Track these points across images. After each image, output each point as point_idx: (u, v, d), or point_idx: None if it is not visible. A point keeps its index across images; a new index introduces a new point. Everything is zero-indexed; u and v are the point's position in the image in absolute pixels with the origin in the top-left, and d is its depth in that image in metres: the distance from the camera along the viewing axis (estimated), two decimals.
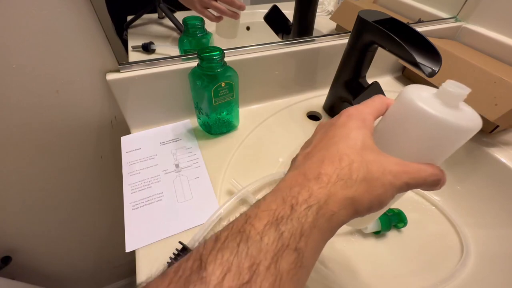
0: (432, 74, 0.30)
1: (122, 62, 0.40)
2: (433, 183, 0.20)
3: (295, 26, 0.51)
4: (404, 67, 0.63)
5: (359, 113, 0.22)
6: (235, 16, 0.45)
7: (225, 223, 0.34)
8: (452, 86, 0.19)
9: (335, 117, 0.23)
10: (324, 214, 0.17)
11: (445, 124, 0.18)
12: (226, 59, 0.40)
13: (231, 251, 0.15)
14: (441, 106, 0.19)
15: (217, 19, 0.45)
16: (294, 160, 0.23)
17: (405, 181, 0.19)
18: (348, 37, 0.41)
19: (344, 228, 0.40)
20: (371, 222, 0.28)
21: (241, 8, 0.45)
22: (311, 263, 0.17)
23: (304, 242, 0.16)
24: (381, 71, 0.62)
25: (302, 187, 0.18)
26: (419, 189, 0.26)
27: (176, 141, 0.44)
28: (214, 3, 0.43)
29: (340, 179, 0.18)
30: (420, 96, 0.20)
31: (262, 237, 0.15)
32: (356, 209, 0.18)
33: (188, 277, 0.14)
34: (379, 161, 0.19)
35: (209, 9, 0.44)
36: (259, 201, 0.18)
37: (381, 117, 0.24)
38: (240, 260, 0.14)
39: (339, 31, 0.59)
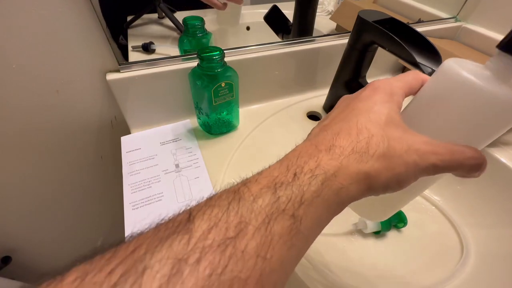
0: (432, 74, 0.30)
1: (122, 62, 0.40)
2: (472, 168, 0.18)
3: (295, 26, 0.51)
4: (404, 67, 0.63)
5: (387, 86, 0.20)
6: (239, 1, 0.45)
7: None
8: (504, 59, 0.16)
9: (359, 90, 0.21)
10: (330, 186, 0.15)
11: (499, 99, 0.16)
12: (226, 59, 0.40)
13: (221, 208, 0.14)
14: (493, 80, 0.16)
15: (224, 6, 0.45)
16: (310, 133, 0.21)
17: (432, 162, 0.17)
18: (348, 37, 0.41)
19: (345, 227, 0.40)
20: (388, 216, 0.25)
21: None
22: (311, 234, 0.16)
23: (303, 210, 0.15)
24: (381, 71, 0.62)
25: (310, 157, 0.16)
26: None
27: (176, 141, 0.44)
28: None
29: (355, 152, 0.16)
30: (468, 68, 0.17)
31: (256, 198, 0.15)
32: (370, 186, 0.16)
33: (176, 227, 0.14)
34: (405, 138, 0.17)
35: None
36: (263, 169, 0.17)
37: (412, 96, 0.21)
38: (229, 217, 0.14)
39: (339, 31, 0.59)
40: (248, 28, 0.55)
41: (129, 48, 0.44)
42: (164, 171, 0.40)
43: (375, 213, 0.25)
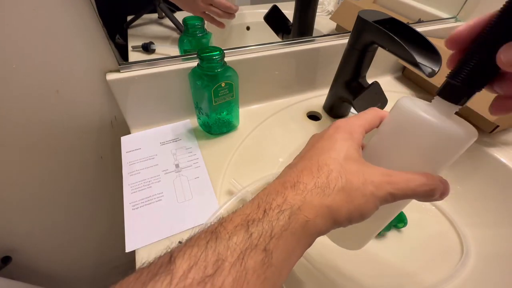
0: (432, 74, 0.30)
1: (122, 62, 0.40)
2: (426, 194, 0.19)
3: (295, 26, 0.51)
4: (404, 67, 0.63)
5: (347, 125, 0.22)
6: (231, 16, 0.46)
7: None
8: (443, 102, 0.19)
9: (325, 129, 0.24)
10: (297, 219, 0.17)
11: (447, 132, 0.18)
12: (226, 59, 0.40)
13: (200, 247, 0.15)
14: (439, 115, 0.19)
15: (219, 24, 0.46)
16: (280, 173, 0.23)
17: (389, 192, 0.18)
18: (348, 37, 0.41)
19: None
20: (365, 243, 0.27)
21: (236, 11, 0.46)
22: (284, 265, 0.17)
23: (273, 244, 0.16)
24: (381, 71, 0.62)
25: (278, 194, 0.18)
26: None
27: (176, 141, 0.44)
28: (211, 7, 0.44)
29: (317, 187, 0.18)
30: (418, 105, 0.20)
31: (231, 236, 0.16)
32: (334, 218, 0.18)
33: (157, 269, 0.15)
34: (361, 171, 0.19)
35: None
36: (238, 208, 0.19)
37: (375, 129, 0.24)
38: (207, 255, 0.15)
39: (339, 31, 0.59)
40: (248, 28, 0.55)
41: (129, 48, 0.44)
42: (164, 171, 0.40)
43: (351, 242, 0.27)
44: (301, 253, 0.18)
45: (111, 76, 0.40)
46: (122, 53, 0.41)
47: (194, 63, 0.41)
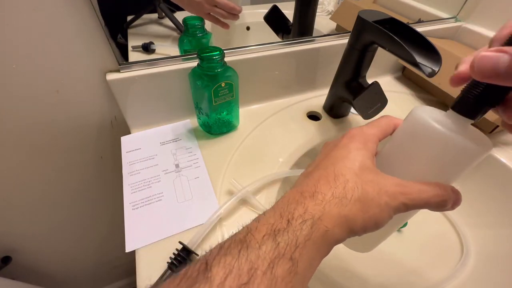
0: (432, 74, 0.30)
1: (122, 62, 0.40)
2: (438, 205, 0.20)
3: (295, 26, 0.51)
4: (404, 67, 0.63)
5: (361, 134, 0.23)
6: (235, 17, 0.46)
7: (225, 222, 0.34)
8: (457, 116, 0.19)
9: (339, 138, 0.24)
10: (318, 229, 0.18)
11: (455, 143, 0.18)
12: (226, 59, 0.40)
13: (233, 256, 0.16)
14: (453, 127, 0.19)
15: (224, 25, 0.46)
16: (297, 181, 0.24)
17: (402, 202, 0.19)
18: (348, 37, 0.41)
19: None
20: (374, 247, 0.28)
21: (239, 11, 0.47)
22: (306, 274, 0.18)
23: (298, 253, 0.17)
24: (381, 71, 0.62)
25: (298, 203, 0.19)
26: None
27: (176, 141, 0.44)
28: (216, 9, 0.44)
29: (335, 197, 0.19)
30: (433, 116, 0.20)
31: (261, 245, 0.17)
32: (350, 228, 0.18)
33: (195, 277, 0.16)
34: (376, 181, 0.20)
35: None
36: (260, 216, 0.20)
37: (389, 136, 0.24)
38: (241, 264, 0.16)
39: (339, 31, 0.59)
40: (248, 28, 0.55)
41: (129, 48, 0.44)
42: (164, 171, 0.40)
43: (361, 245, 0.28)
44: (320, 261, 0.18)
45: (111, 76, 0.40)
46: (122, 53, 0.41)
47: (194, 63, 0.41)
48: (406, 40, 0.32)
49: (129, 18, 0.46)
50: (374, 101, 0.41)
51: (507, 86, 0.16)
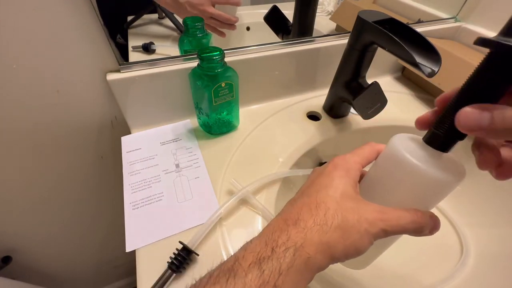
0: (431, 74, 0.30)
1: (122, 62, 0.40)
2: (415, 231, 0.20)
3: (295, 26, 0.51)
4: (404, 67, 0.63)
5: (344, 163, 0.24)
6: (231, 27, 0.47)
7: (225, 222, 0.34)
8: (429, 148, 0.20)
9: (324, 165, 0.25)
10: (300, 256, 0.18)
11: (428, 176, 0.19)
12: (226, 59, 0.40)
13: (221, 285, 0.18)
14: (427, 158, 0.20)
15: (221, 34, 0.47)
16: (282, 209, 0.25)
17: (381, 228, 0.20)
18: (348, 37, 0.41)
19: None
20: (367, 264, 0.28)
21: (235, 22, 0.47)
22: None
23: (281, 280, 0.18)
24: (381, 71, 0.62)
25: (282, 231, 0.20)
26: None
27: (176, 141, 0.44)
28: (211, 20, 0.45)
29: (316, 224, 0.19)
30: (407, 147, 0.21)
31: (247, 273, 0.18)
32: (332, 255, 0.19)
33: None
34: (357, 209, 0.20)
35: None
36: (247, 244, 0.21)
37: (374, 161, 0.25)
38: None
39: (339, 31, 0.59)
40: (248, 28, 0.55)
41: (129, 48, 0.44)
42: (164, 171, 0.40)
43: (356, 263, 0.28)
44: (304, 285, 0.19)
45: (111, 76, 0.40)
46: (122, 53, 0.41)
47: (194, 63, 0.41)
48: (406, 40, 0.32)
49: (129, 18, 0.46)
50: (374, 101, 0.42)
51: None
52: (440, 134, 0.19)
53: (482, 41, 0.16)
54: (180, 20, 0.45)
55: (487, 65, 0.16)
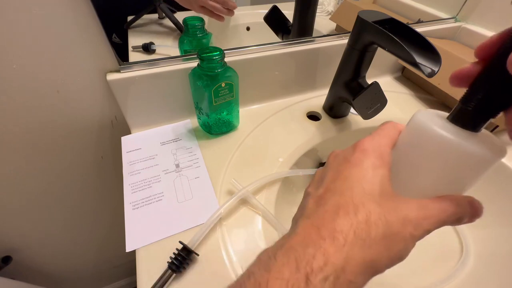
0: (431, 74, 0.30)
1: (122, 62, 0.40)
2: (456, 221, 0.18)
3: (295, 27, 0.52)
4: (404, 67, 0.63)
5: (376, 147, 0.20)
6: (230, 13, 0.46)
7: (225, 222, 0.34)
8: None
9: (348, 150, 0.21)
10: (341, 285, 0.15)
11: (468, 151, 0.17)
12: (226, 59, 0.40)
13: None
14: (460, 132, 0.17)
15: (219, 17, 0.46)
16: (305, 198, 0.21)
17: (425, 229, 0.17)
18: (348, 38, 0.41)
19: None
20: None
21: (233, 7, 0.47)
22: None
23: None
24: (381, 71, 0.62)
25: (316, 248, 0.16)
26: None
27: (176, 141, 0.44)
28: (209, 2, 0.44)
29: (357, 237, 0.16)
30: (436, 121, 0.18)
31: None
32: (375, 272, 0.17)
33: None
34: (398, 208, 0.17)
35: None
36: (269, 260, 0.17)
37: None
38: None
39: (339, 31, 0.59)
40: (248, 29, 0.55)
41: (129, 49, 0.44)
42: (164, 171, 0.40)
43: None
44: None
45: (111, 76, 0.40)
46: (120, 53, 0.41)
47: (194, 63, 0.41)
48: (406, 41, 0.32)
49: (129, 18, 0.46)
50: (374, 101, 0.42)
51: None
52: (470, 110, 0.17)
53: None
54: (180, 20, 0.45)
55: None
